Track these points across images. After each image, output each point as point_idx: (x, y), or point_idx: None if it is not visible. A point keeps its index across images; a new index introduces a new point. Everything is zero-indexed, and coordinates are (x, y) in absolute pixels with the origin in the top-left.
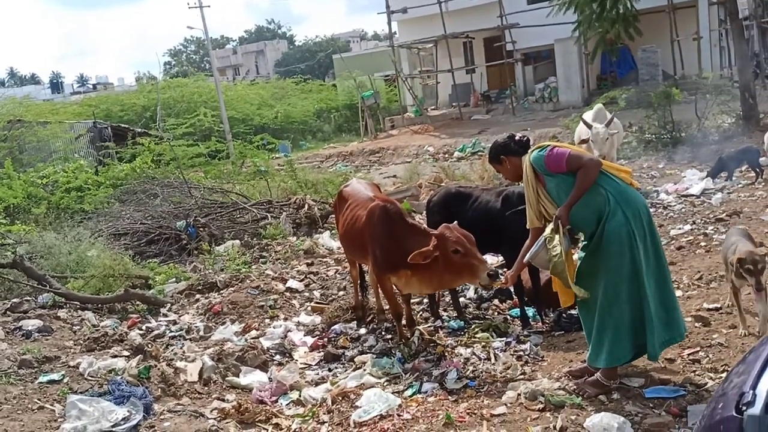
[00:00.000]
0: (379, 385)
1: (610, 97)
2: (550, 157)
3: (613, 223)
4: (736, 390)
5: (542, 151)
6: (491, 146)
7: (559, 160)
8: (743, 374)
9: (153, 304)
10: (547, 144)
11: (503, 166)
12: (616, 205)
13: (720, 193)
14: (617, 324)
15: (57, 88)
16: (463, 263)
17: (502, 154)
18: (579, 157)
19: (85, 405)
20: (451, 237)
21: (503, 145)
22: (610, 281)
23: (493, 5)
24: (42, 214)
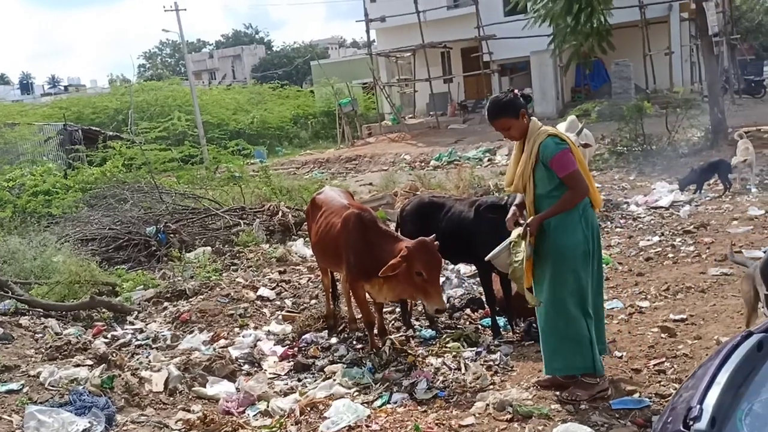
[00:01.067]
0: (349, 396)
1: (583, 110)
2: (560, 157)
3: (573, 239)
4: (684, 404)
5: (558, 146)
6: (503, 100)
7: (563, 167)
8: (692, 389)
9: (119, 311)
10: (563, 140)
11: (519, 120)
12: (579, 222)
13: (688, 205)
14: (573, 336)
15: (27, 89)
16: (420, 287)
17: (522, 108)
18: (578, 179)
19: (44, 416)
20: (419, 257)
21: (517, 99)
22: (557, 293)
23: (471, 16)
24: (7, 218)
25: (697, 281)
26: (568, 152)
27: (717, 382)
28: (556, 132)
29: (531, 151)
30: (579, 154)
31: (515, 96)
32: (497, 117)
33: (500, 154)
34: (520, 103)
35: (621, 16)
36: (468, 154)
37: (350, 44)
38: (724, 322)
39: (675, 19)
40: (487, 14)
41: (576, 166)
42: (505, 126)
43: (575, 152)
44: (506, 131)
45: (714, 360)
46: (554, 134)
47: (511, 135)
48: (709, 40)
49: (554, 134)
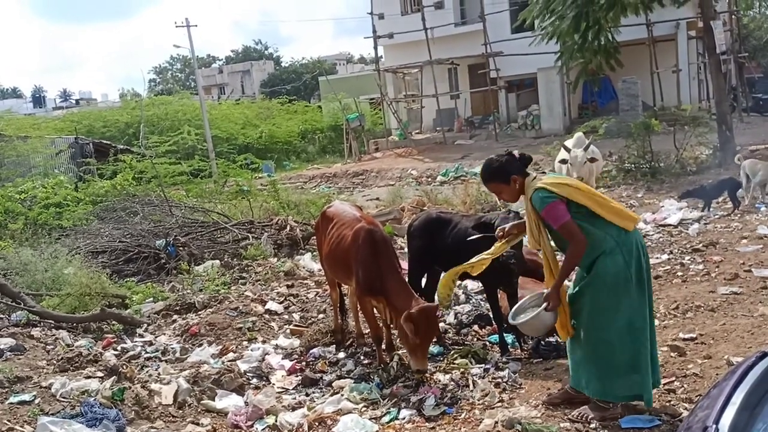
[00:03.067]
0: (357, 411)
1: (590, 126)
2: (547, 211)
3: (611, 265)
4: (700, 424)
5: (546, 199)
6: (495, 164)
7: (553, 220)
8: (707, 408)
9: (129, 324)
10: (551, 191)
11: (510, 186)
12: (616, 247)
13: (697, 223)
14: (607, 363)
15: (39, 102)
16: (410, 345)
17: (513, 173)
18: (571, 231)
19: (56, 427)
20: (418, 325)
21: (510, 163)
22: (599, 320)
23: (478, 33)
24: (19, 229)
25: (707, 300)
26: (555, 204)
27: (732, 402)
28: (544, 184)
29: (529, 209)
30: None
31: (510, 158)
32: (488, 182)
33: None
34: (512, 167)
35: (628, 34)
36: (475, 170)
37: (358, 60)
38: (735, 341)
39: (682, 37)
40: (494, 31)
41: (566, 218)
42: (496, 190)
43: (575, 187)
44: (498, 194)
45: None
46: (541, 187)
47: (504, 198)
48: (717, 58)
49: (541, 187)
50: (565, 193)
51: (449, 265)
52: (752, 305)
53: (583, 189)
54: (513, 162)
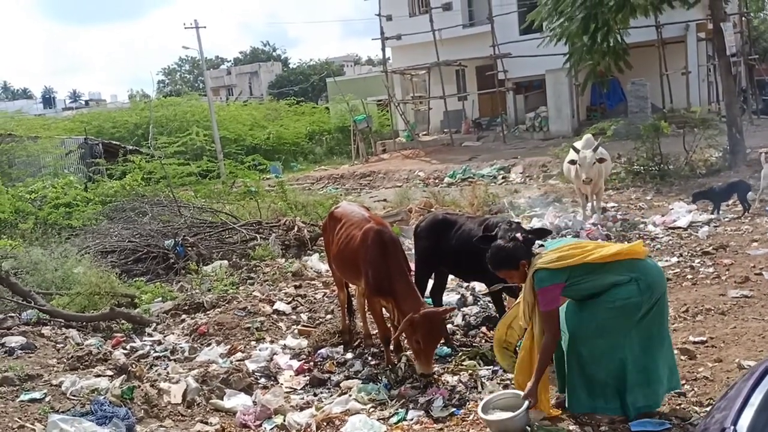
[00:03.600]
0: (365, 411)
1: (599, 128)
2: (542, 293)
3: (623, 292)
4: (717, 426)
5: (543, 282)
6: (502, 253)
7: (543, 303)
8: (725, 410)
9: (138, 323)
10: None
11: (519, 270)
12: (631, 280)
13: (707, 226)
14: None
15: (49, 103)
16: (415, 350)
17: (521, 260)
18: (550, 322)
19: (66, 425)
20: (422, 329)
21: (518, 249)
22: (601, 344)
23: (486, 35)
24: (29, 229)
25: (717, 303)
26: (549, 289)
27: (750, 403)
28: (543, 264)
29: (527, 288)
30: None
31: (516, 245)
32: (497, 269)
33: (515, 172)
34: (519, 253)
35: (637, 36)
36: (482, 172)
37: (365, 62)
38: (746, 344)
39: (692, 39)
40: (502, 33)
41: (553, 306)
42: (506, 276)
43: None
44: (509, 279)
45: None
46: (542, 268)
47: (515, 282)
48: (727, 60)
49: (542, 268)
50: (566, 265)
51: (456, 267)
52: (763, 308)
53: (581, 250)
54: (519, 248)
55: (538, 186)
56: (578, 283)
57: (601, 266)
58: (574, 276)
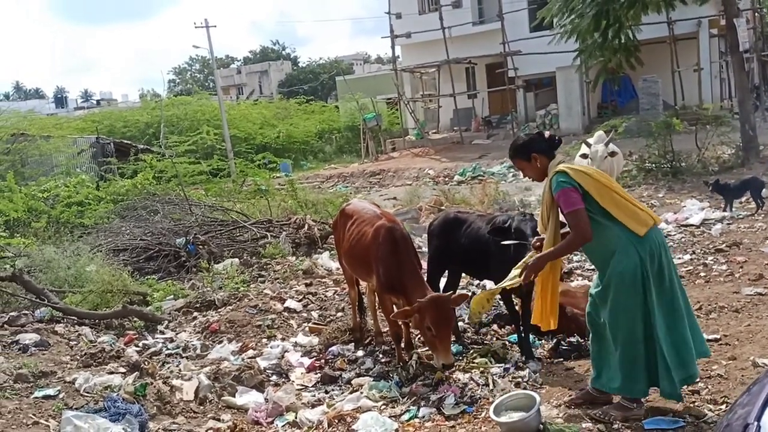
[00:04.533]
0: (376, 409)
1: (610, 125)
2: (559, 195)
3: (626, 262)
4: (740, 421)
5: (563, 183)
6: (518, 142)
7: (564, 205)
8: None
9: (150, 320)
10: (569, 175)
11: (531, 163)
12: (629, 245)
13: (720, 223)
14: (631, 360)
15: (61, 102)
16: (430, 340)
17: (534, 152)
18: (578, 220)
19: (80, 421)
20: (430, 313)
21: (534, 141)
22: (623, 319)
23: (496, 32)
24: (42, 227)
25: (731, 301)
26: (569, 191)
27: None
28: (565, 168)
29: (545, 191)
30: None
31: (536, 137)
32: (512, 158)
33: None
34: (535, 145)
35: (649, 32)
36: (492, 169)
37: (375, 60)
38: (760, 342)
39: (704, 35)
40: (512, 30)
41: (578, 206)
42: (519, 167)
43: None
44: (522, 171)
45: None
46: (562, 170)
47: (527, 175)
48: (740, 56)
49: (562, 170)
50: (583, 183)
51: (466, 265)
52: None
53: (602, 182)
54: (537, 141)
55: None
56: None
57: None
58: (585, 201)
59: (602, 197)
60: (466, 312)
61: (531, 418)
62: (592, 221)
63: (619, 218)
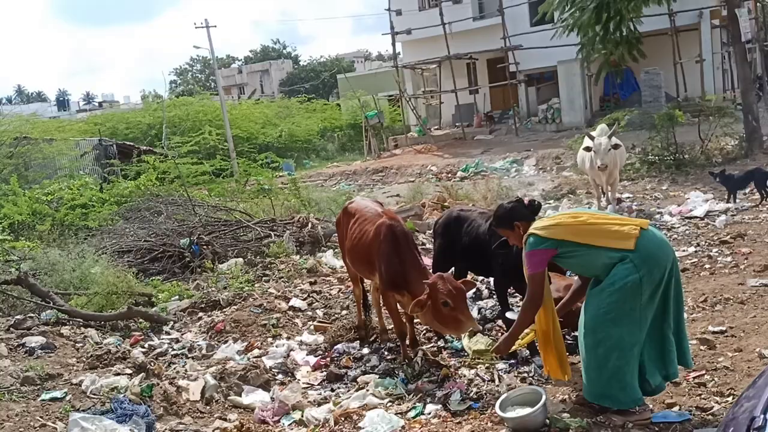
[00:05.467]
0: (382, 406)
1: (613, 119)
2: (528, 256)
3: (621, 270)
4: (746, 414)
5: (531, 245)
6: (501, 212)
7: (529, 266)
8: (753, 398)
9: (156, 321)
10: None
11: (515, 231)
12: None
13: (724, 215)
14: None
15: (63, 105)
16: (451, 316)
17: (516, 220)
18: (533, 284)
19: (87, 423)
20: (442, 289)
21: (515, 210)
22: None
23: (497, 27)
24: (46, 230)
25: (736, 292)
26: (531, 254)
27: None
28: (533, 230)
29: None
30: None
31: (517, 206)
32: (496, 227)
33: (528, 165)
34: (517, 214)
35: (650, 24)
36: (495, 165)
37: (376, 57)
38: (765, 334)
39: (706, 26)
40: (513, 25)
41: (535, 270)
42: (504, 235)
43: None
44: (507, 238)
45: None
46: (531, 233)
47: (512, 242)
48: (742, 47)
49: (531, 233)
50: (555, 235)
51: (468, 263)
52: None
53: (573, 222)
54: (519, 209)
55: (551, 178)
56: (570, 255)
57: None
58: (564, 246)
59: (578, 235)
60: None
61: (537, 413)
62: (581, 258)
63: (603, 244)
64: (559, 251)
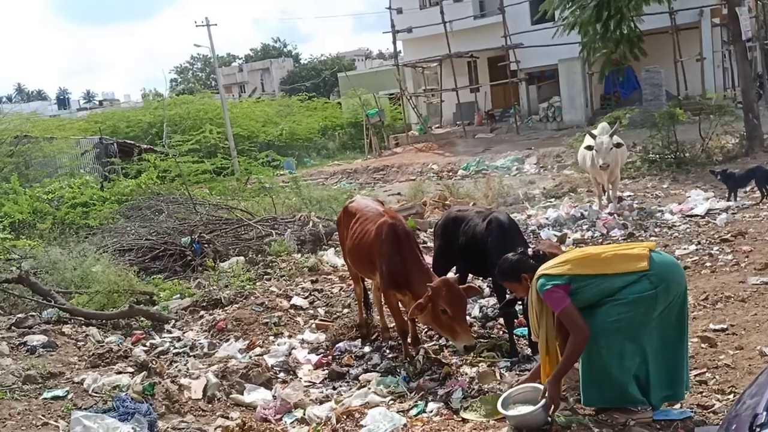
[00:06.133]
0: (384, 404)
1: (614, 117)
2: (547, 296)
3: (638, 285)
4: (749, 411)
5: (545, 285)
6: (505, 264)
7: (554, 304)
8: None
9: (157, 320)
10: (552, 274)
11: (522, 284)
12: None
13: (725, 213)
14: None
15: (64, 104)
16: (447, 325)
17: (523, 272)
18: (570, 318)
19: (89, 421)
20: (443, 295)
21: (521, 262)
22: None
23: (498, 25)
24: (47, 229)
25: (737, 290)
26: (551, 291)
27: None
28: (542, 271)
29: (532, 300)
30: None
31: (522, 258)
32: (502, 281)
33: (529, 163)
34: (522, 266)
35: (651, 23)
36: (496, 163)
37: (376, 56)
38: (767, 332)
39: (706, 24)
40: (514, 23)
41: (565, 303)
42: (510, 288)
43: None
44: (513, 291)
45: None
46: (540, 275)
47: (519, 294)
48: (743, 45)
49: (540, 275)
50: (566, 271)
51: (468, 263)
52: None
53: (581, 256)
54: (524, 261)
55: (552, 176)
56: (584, 289)
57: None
58: (578, 281)
59: (589, 267)
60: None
61: (539, 411)
62: (597, 288)
63: (618, 270)
64: (573, 287)
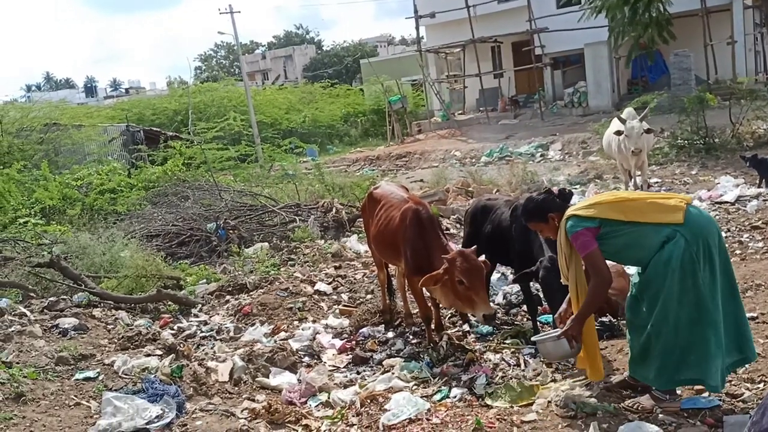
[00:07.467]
0: (408, 389)
1: (641, 102)
2: (575, 238)
3: (675, 249)
4: None
5: (574, 227)
6: (531, 204)
7: (581, 248)
8: None
9: (184, 304)
10: (582, 215)
11: (549, 224)
12: (674, 233)
13: (755, 200)
14: (670, 352)
15: (91, 92)
16: (465, 295)
17: (550, 212)
18: (595, 263)
19: (120, 402)
20: (458, 266)
21: (546, 201)
22: (668, 306)
23: (522, 9)
24: (77, 215)
25: (767, 278)
26: (579, 234)
27: None
28: (573, 212)
29: (561, 240)
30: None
31: (548, 196)
32: (528, 221)
33: (553, 149)
34: (549, 205)
35: (680, 5)
36: (520, 150)
37: (399, 42)
38: None
39: (738, 6)
40: (539, 7)
41: (591, 248)
42: (536, 229)
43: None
44: (540, 232)
45: None
46: (572, 215)
47: (546, 236)
48: None
49: (572, 215)
50: (597, 214)
51: (493, 252)
52: None
53: (615, 200)
54: (550, 200)
55: (577, 163)
56: (614, 235)
57: (638, 224)
58: (608, 226)
59: (623, 213)
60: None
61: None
62: (627, 236)
63: (651, 220)
64: (602, 231)
